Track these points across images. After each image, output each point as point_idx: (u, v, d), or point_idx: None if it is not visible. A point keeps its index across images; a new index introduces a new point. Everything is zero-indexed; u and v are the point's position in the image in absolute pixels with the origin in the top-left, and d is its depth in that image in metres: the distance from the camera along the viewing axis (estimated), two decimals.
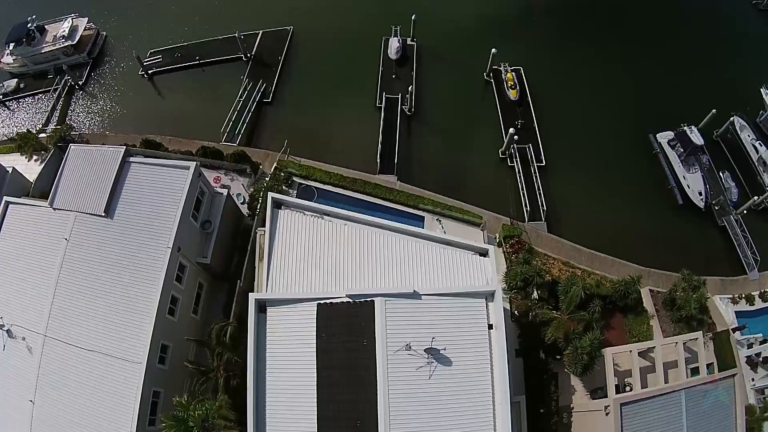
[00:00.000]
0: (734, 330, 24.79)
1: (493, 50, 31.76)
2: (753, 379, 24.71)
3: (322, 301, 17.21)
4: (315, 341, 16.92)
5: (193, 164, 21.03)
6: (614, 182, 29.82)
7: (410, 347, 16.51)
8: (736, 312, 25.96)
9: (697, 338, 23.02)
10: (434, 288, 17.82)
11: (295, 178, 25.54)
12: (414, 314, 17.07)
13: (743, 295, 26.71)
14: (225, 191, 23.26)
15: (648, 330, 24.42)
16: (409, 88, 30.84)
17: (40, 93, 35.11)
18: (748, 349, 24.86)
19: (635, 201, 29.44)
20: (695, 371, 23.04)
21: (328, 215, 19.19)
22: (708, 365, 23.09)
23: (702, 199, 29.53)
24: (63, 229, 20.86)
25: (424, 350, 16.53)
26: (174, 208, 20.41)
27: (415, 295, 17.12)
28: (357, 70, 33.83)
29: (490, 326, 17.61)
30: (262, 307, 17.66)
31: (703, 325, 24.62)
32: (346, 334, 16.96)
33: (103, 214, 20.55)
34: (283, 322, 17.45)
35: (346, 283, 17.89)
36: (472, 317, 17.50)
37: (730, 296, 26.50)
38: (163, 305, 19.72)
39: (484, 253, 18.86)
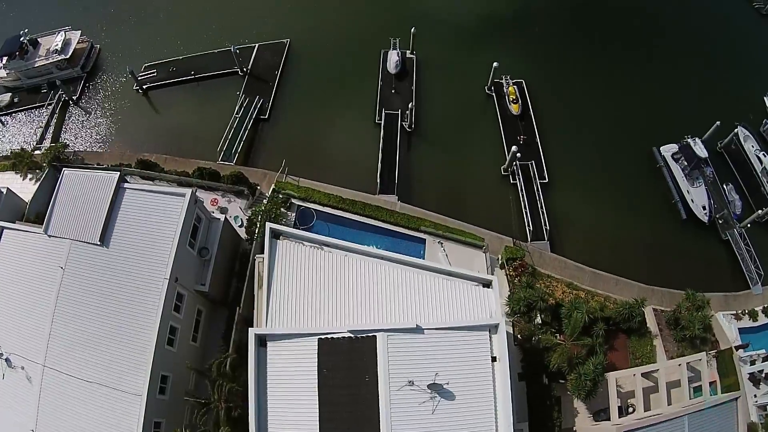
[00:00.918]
0: (737, 348, 24.65)
1: (495, 64, 31.17)
2: (755, 396, 24.57)
3: (323, 336, 16.98)
4: (317, 377, 16.69)
5: (188, 192, 20.63)
6: (617, 197, 29.47)
7: (413, 383, 16.33)
8: (739, 329, 25.78)
9: (700, 359, 22.98)
10: (437, 321, 17.55)
11: (293, 200, 25.09)
12: (416, 349, 16.82)
13: (746, 311, 26.51)
14: (222, 217, 22.88)
15: (651, 351, 24.24)
16: (410, 105, 30.25)
17: (34, 108, 34.52)
18: (750, 365, 24.73)
19: (638, 216, 29.11)
20: (698, 389, 23.10)
21: (328, 246, 18.87)
22: (711, 383, 23.12)
23: (706, 214, 29.23)
24: (58, 257, 20.54)
25: (427, 386, 16.35)
26: (170, 237, 20.05)
27: (417, 330, 16.88)
28: (356, 85, 33.21)
29: (494, 359, 17.42)
30: (262, 341, 17.42)
31: (707, 343, 24.51)
32: (348, 370, 16.72)
33: (99, 243, 20.23)
34: (284, 356, 17.18)
35: (347, 316, 17.61)
36: (476, 350, 17.27)
37: (734, 312, 26.28)
38: (162, 336, 19.46)
39: (487, 284, 18.58)
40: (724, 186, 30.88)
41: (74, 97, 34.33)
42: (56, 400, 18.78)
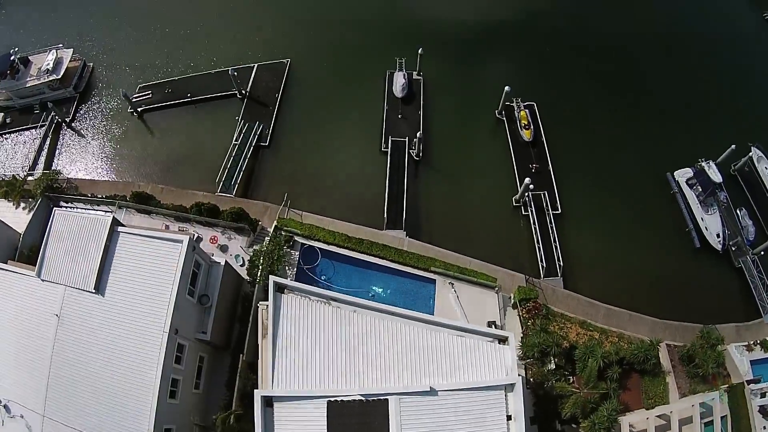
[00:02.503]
0: (749, 382, 24.24)
1: (507, 88, 29.83)
2: (765, 428, 24.22)
3: (332, 399, 16.25)
4: None
5: (186, 238, 19.54)
6: (631, 227, 28.49)
7: None
8: (751, 361, 25.28)
9: (713, 398, 22.65)
10: (451, 380, 16.80)
11: (297, 238, 24.06)
12: (430, 412, 16.11)
13: (758, 341, 26.01)
14: (223, 260, 21.82)
15: (664, 390, 23.66)
16: (418, 134, 28.92)
17: (26, 129, 33.23)
18: (761, 398, 24.35)
19: (652, 246, 28.16)
20: (709, 424, 22.77)
21: (336, 301, 18.01)
22: (722, 417, 22.81)
23: (720, 242, 28.41)
24: (53, 303, 19.73)
25: None
26: (168, 286, 19.05)
27: (431, 393, 16.16)
28: (360, 109, 31.82)
29: (509, 417, 16.80)
30: (268, 401, 16.68)
31: (719, 378, 24.04)
32: None
33: (94, 291, 19.33)
34: (292, 419, 16.44)
35: (357, 376, 16.81)
36: (491, 410, 16.59)
37: (746, 343, 25.75)
38: (164, 390, 18.64)
39: (503, 340, 17.83)
40: (738, 211, 30.02)
41: (67, 119, 33.10)
42: None
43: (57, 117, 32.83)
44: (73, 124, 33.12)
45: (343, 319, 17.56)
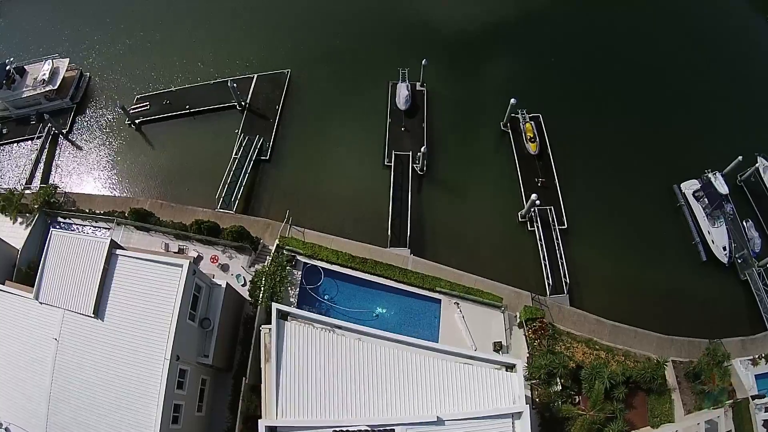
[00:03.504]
0: (754, 398, 24.10)
1: (512, 100, 29.20)
2: None
3: (338, 429, 15.99)
4: None
5: (186, 262, 19.12)
6: (637, 241, 28.13)
7: None
8: (756, 375, 25.15)
9: (719, 416, 22.55)
10: (458, 409, 16.54)
11: (299, 257, 23.69)
12: None
13: (763, 355, 25.85)
14: (224, 283, 21.38)
15: (670, 408, 23.49)
16: (422, 149, 28.28)
17: (23, 140, 32.71)
18: (765, 412, 24.23)
19: (658, 260, 27.82)
20: None
21: (340, 329, 17.69)
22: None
23: (726, 254, 28.14)
24: (51, 327, 19.41)
25: None
26: (168, 312, 18.66)
27: (438, 422, 15.92)
28: (362, 121, 31.21)
29: None
30: (273, 431, 16.45)
31: (724, 393, 23.92)
32: None
33: (93, 315, 18.99)
34: None
35: (362, 405, 16.52)
36: None
37: (751, 357, 25.61)
38: (166, 417, 18.33)
39: (510, 367, 17.56)
40: (744, 222, 29.69)
41: (64, 130, 32.56)
42: None
43: (54, 128, 32.31)
44: (70, 136, 32.62)
45: (347, 348, 17.25)
